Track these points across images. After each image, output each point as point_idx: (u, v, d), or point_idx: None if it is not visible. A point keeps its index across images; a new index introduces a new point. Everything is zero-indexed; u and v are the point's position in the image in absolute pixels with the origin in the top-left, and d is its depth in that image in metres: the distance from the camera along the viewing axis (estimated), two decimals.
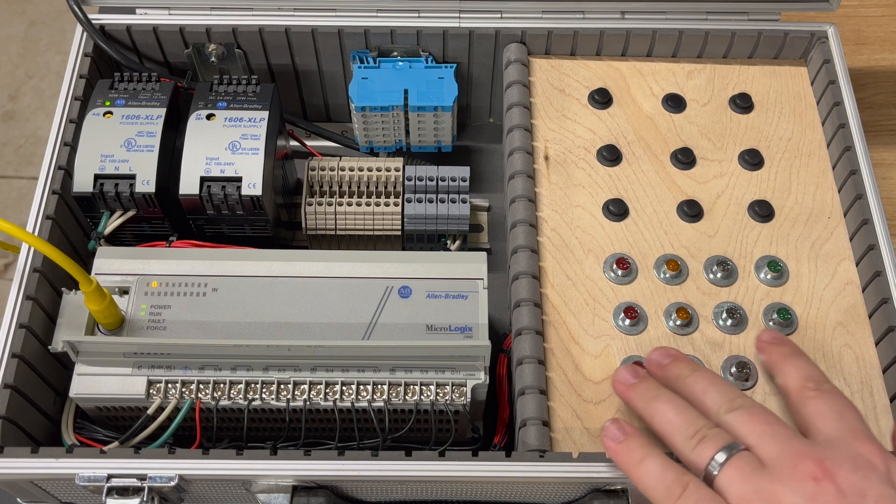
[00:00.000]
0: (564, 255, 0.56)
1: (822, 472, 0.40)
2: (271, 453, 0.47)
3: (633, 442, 0.45)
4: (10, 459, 0.47)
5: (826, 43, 0.63)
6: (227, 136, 0.55)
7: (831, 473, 0.40)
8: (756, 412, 0.44)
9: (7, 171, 1.46)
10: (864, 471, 0.40)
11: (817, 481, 0.40)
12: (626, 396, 0.48)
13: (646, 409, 0.46)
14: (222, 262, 0.53)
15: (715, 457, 0.42)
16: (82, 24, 0.62)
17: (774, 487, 0.40)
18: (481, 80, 0.67)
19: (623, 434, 0.45)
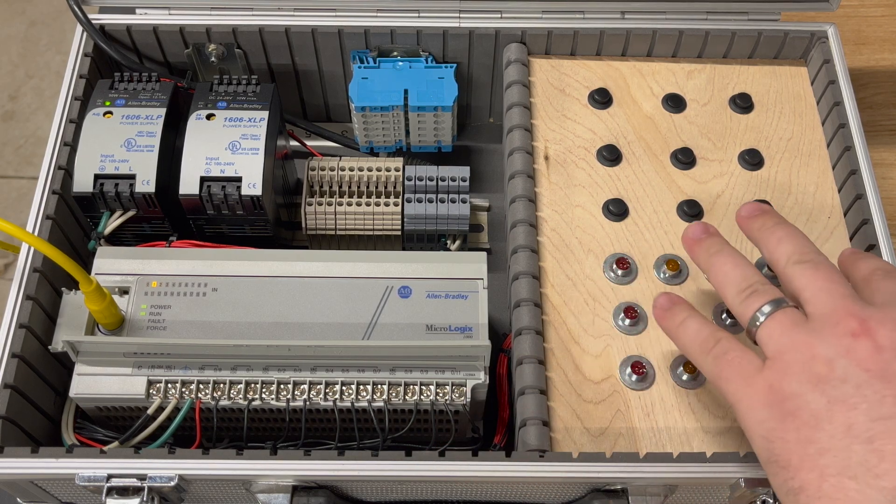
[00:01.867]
0: (564, 255, 0.56)
1: (862, 328, 0.39)
2: (271, 453, 0.47)
3: (677, 308, 0.47)
4: (10, 459, 0.47)
5: (826, 43, 0.63)
6: (227, 136, 0.55)
7: (872, 330, 0.39)
8: (822, 267, 0.43)
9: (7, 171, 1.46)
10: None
11: (855, 336, 0.39)
12: (692, 250, 0.48)
13: (707, 262, 0.47)
14: (222, 262, 0.53)
15: (761, 308, 0.42)
16: (82, 24, 0.62)
17: (811, 340, 0.40)
18: (481, 80, 0.67)
19: (671, 303, 0.47)
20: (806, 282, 0.42)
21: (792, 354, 0.40)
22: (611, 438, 0.50)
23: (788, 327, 0.41)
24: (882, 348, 0.38)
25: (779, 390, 0.39)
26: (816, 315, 0.41)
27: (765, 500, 0.47)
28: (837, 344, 0.39)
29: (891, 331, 0.39)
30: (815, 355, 0.39)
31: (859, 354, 0.38)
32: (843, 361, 0.39)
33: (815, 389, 0.38)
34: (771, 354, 0.41)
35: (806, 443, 0.38)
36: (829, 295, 0.41)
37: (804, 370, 0.39)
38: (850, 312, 0.40)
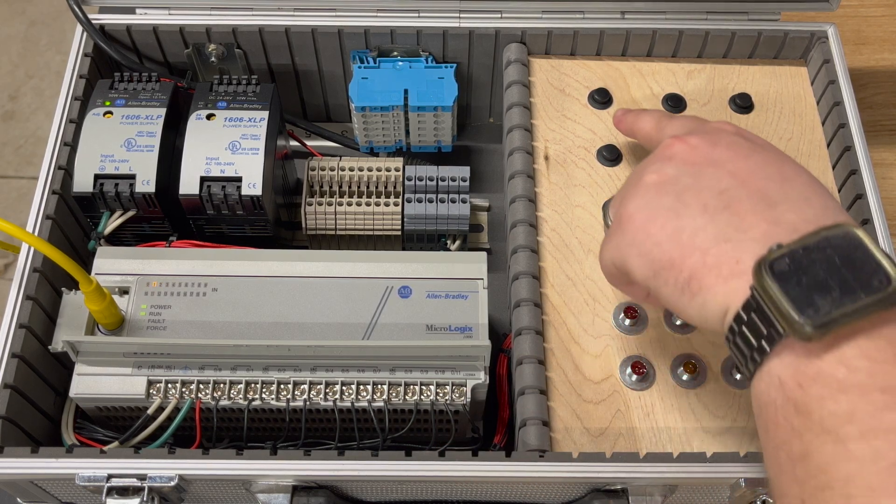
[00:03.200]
0: (564, 255, 0.56)
1: (677, 140, 0.44)
2: (271, 453, 0.47)
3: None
4: (10, 459, 0.47)
5: (826, 43, 0.63)
6: (227, 136, 0.55)
7: (683, 139, 0.44)
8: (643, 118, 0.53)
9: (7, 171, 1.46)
10: (715, 132, 0.44)
11: (670, 147, 0.44)
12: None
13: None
14: (222, 262, 0.53)
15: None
16: (82, 24, 0.62)
17: (637, 169, 0.45)
18: (481, 80, 0.67)
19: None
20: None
21: (626, 185, 0.45)
22: (611, 438, 0.50)
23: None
24: (695, 146, 0.43)
25: (629, 214, 0.42)
26: None
27: (765, 500, 0.47)
28: (660, 157, 0.44)
29: (700, 134, 0.44)
30: (643, 172, 0.44)
31: (680, 157, 0.43)
32: (668, 166, 0.43)
33: (659, 194, 0.42)
34: (617, 201, 0.45)
35: (676, 233, 0.40)
36: (680, 127, 0.48)
37: (639, 188, 0.43)
38: (663, 143, 0.45)
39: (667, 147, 0.44)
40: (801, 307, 0.33)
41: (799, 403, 0.34)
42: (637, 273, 0.42)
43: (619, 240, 0.43)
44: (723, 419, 0.50)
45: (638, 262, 0.41)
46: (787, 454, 0.34)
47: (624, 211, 0.43)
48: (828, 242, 0.35)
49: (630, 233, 0.42)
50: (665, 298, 0.40)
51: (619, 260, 0.43)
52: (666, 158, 0.43)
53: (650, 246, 0.40)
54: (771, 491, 0.37)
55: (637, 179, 0.44)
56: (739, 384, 0.51)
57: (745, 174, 0.40)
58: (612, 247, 0.44)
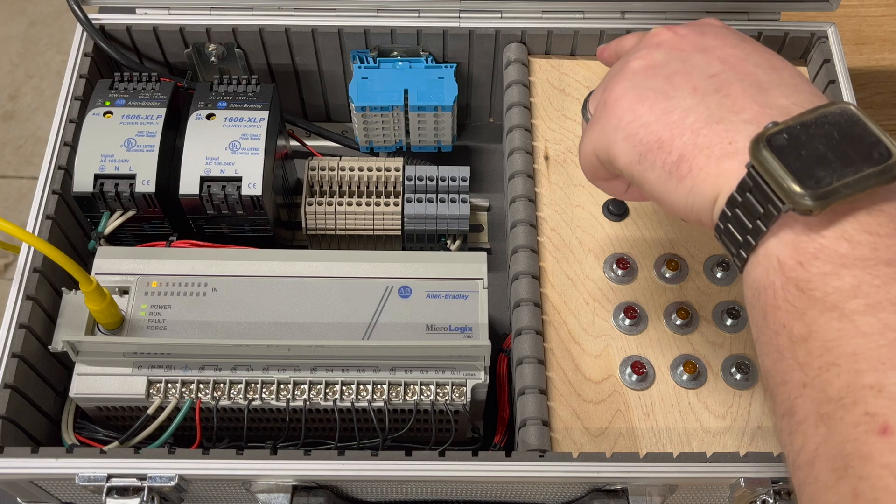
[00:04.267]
0: (564, 255, 0.56)
1: (664, 28, 0.43)
2: (271, 453, 0.47)
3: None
4: (10, 459, 0.47)
5: (826, 43, 0.63)
6: (227, 135, 0.55)
7: (671, 28, 0.43)
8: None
9: (7, 171, 1.46)
10: (702, 23, 0.43)
11: (658, 35, 0.43)
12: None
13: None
14: (222, 262, 0.53)
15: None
16: (82, 24, 0.62)
17: (627, 56, 0.43)
18: (481, 80, 0.67)
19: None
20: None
21: (609, 74, 0.43)
22: (611, 438, 0.50)
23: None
24: (683, 34, 0.42)
25: (616, 96, 0.41)
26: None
27: (765, 500, 0.47)
28: (647, 44, 0.42)
29: (684, 26, 0.43)
30: (629, 58, 0.42)
31: (668, 43, 0.42)
32: (656, 52, 0.41)
33: (647, 77, 0.40)
34: (599, 91, 0.44)
35: (665, 114, 0.38)
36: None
37: (626, 72, 0.41)
38: (649, 32, 0.44)
39: (654, 35, 0.43)
40: (801, 179, 0.32)
41: (801, 282, 0.33)
42: (621, 159, 0.40)
43: (605, 124, 0.41)
44: (723, 419, 0.51)
45: (623, 145, 0.40)
46: (789, 337, 0.33)
47: (609, 94, 0.41)
48: (826, 119, 0.34)
49: (616, 115, 0.40)
50: (651, 185, 0.39)
51: (602, 146, 0.41)
52: (654, 45, 0.42)
53: (637, 127, 0.39)
54: (767, 385, 0.36)
55: (623, 65, 0.42)
56: (739, 384, 0.51)
57: (734, 60, 0.39)
58: (596, 134, 0.42)
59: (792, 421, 0.33)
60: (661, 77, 0.40)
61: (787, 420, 0.34)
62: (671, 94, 0.39)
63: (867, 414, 0.30)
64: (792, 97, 0.37)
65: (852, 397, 0.31)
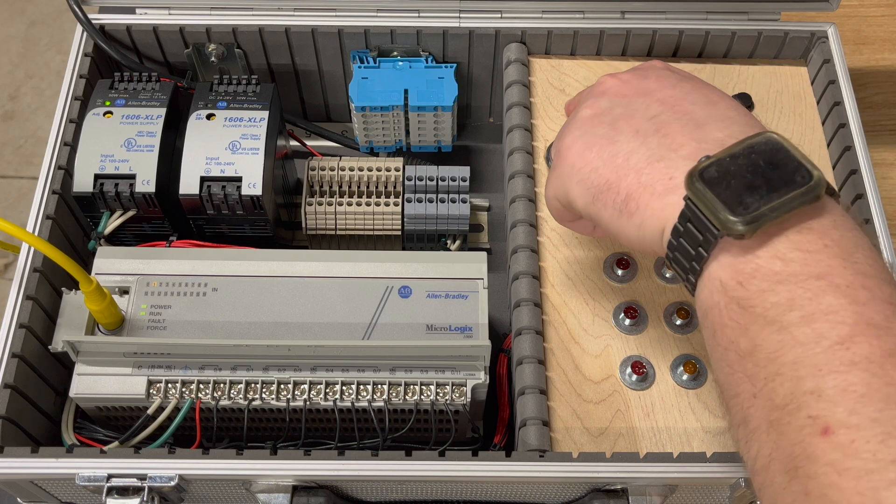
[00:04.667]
0: (564, 255, 0.56)
1: (610, 76, 0.46)
2: (271, 453, 0.47)
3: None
4: (10, 459, 0.47)
5: (826, 43, 0.63)
6: (227, 135, 0.55)
7: (615, 75, 0.46)
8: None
9: (7, 171, 1.46)
10: (645, 67, 0.46)
11: (602, 83, 0.46)
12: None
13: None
14: (222, 262, 0.53)
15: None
16: (82, 24, 0.62)
17: (578, 106, 0.46)
18: (481, 80, 0.67)
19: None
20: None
21: (566, 125, 0.46)
22: (611, 438, 0.50)
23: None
24: (626, 80, 0.45)
25: (567, 145, 0.44)
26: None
27: None
28: (593, 93, 0.46)
29: (630, 72, 0.46)
30: (578, 109, 0.45)
31: (612, 90, 0.45)
32: (602, 100, 0.45)
33: (594, 124, 0.44)
34: (557, 141, 0.46)
35: (612, 157, 0.41)
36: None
37: (575, 122, 0.45)
38: (597, 81, 0.47)
39: (600, 84, 0.46)
40: (731, 206, 0.35)
41: (741, 300, 0.35)
42: (578, 201, 0.43)
43: (560, 171, 0.44)
44: (723, 419, 0.50)
45: (578, 189, 0.43)
46: (736, 352, 0.36)
47: (562, 144, 0.45)
48: (752, 149, 0.37)
49: (569, 163, 0.43)
50: (606, 223, 0.42)
51: (560, 192, 0.45)
52: (599, 94, 0.45)
53: (587, 172, 0.42)
54: (722, 398, 0.38)
55: (573, 115, 0.45)
56: None
57: (673, 100, 0.42)
58: (554, 179, 0.45)
59: (747, 430, 0.36)
60: (606, 123, 0.43)
61: (743, 429, 0.36)
62: (616, 139, 0.42)
63: (809, 417, 0.33)
64: (726, 129, 0.40)
65: (796, 403, 0.33)
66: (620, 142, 0.42)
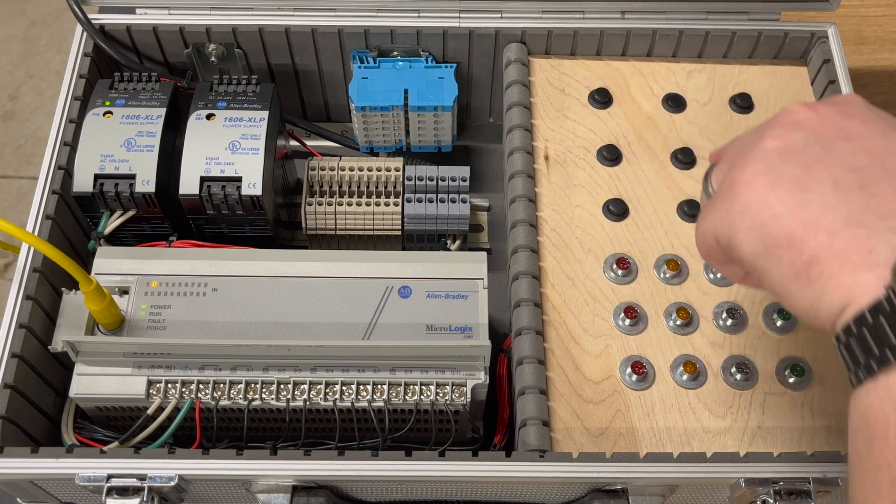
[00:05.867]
0: (564, 255, 0.56)
1: (804, 106, 0.38)
2: (271, 453, 0.47)
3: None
4: (10, 459, 0.47)
5: (826, 43, 0.63)
6: (227, 135, 0.55)
7: (812, 106, 0.38)
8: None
9: (7, 171, 1.46)
10: (846, 103, 0.39)
11: (797, 112, 0.38)
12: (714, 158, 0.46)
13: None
14: (222, 262, 0.53)
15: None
16: (82, 24, 0.62)
17: (756, 134, 0.39)
18: (481, 80, 0.67)
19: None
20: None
21: (736, 150, 0.39)
22: (611, 438, 0.50)
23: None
24: (827, 115, 0.37)
25: (746, 179, 0.37)
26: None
27: (765, 500, 0.47)
28: (782, 122, 0.38)
29: (827, 105, 0.38)
30: (762, 137, 0.38)
31: (808, 124, 0.37)
32: (794, 133, 0.37)
33: (782, 160, 0.36)
34: (724, 167, 0.39)
35: (801, 207, 0.34)
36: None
37: (757, 152, 0.37)
38: (785, 108, 0.39)
39: (792, 112, 0.38)
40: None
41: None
42: (744, 248, 0.36)
43: (728, 207, 0.37)
44: (723, 419, 0.50)
45: (748, 235, 0.36)
46: (891, 478, 0.31)
47: (738, 175, 0.37)
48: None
49: (743, 200, 0.36)
50: (773, 282, 0.35)
51: (724, 231, 0.37)
52: (791, 125, 0.37)
53: (766, 217, 0.35)
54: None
55: (754, 144, 0.37)
56: (739, 384, 0.51)
57: (883, 153, 0.35)
58: (719, 215, 0.37)
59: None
60: (798, 163, 0.36)
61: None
62: (809, 186, 0.35)
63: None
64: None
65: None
66: (815, 191, 0.34)
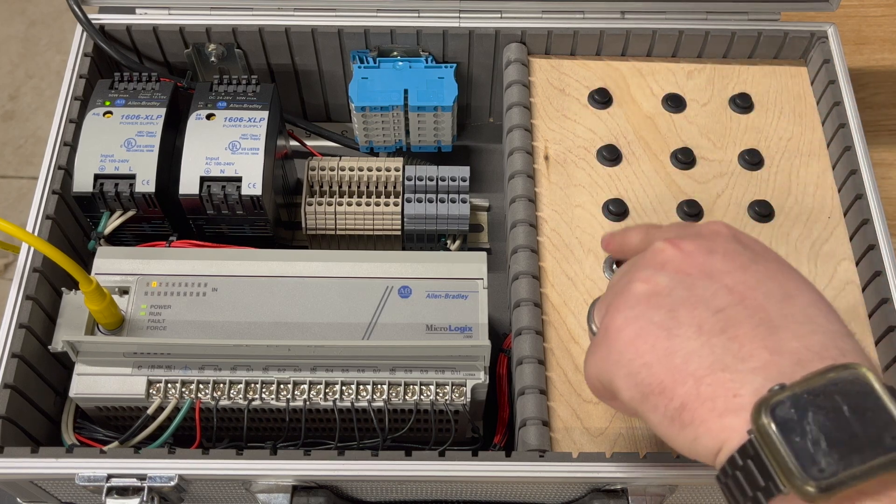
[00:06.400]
0: (564, 255, 0.56)
1: (669, 244, 0.40)
2: (271, 453, 0.47)
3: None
4: (10, 459, 0.47)
5: (826, 43, 0.63)
6: (227, 135, 0.55)
7: (677, 243, 0.40)
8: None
9: (7, 171, 1.46)
10: (710, 236, 0.40)
11: (663, 251, 0.40)
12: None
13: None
14: (222, 262, 0.53)
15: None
16: (82, 24, 0.62)
17: (627, 273, 0.41)
18: (481, 80, 0.67)
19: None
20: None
21: (612, 291, 0.41)
22: (611, 438, 0.50)
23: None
24: (690, 253, 0.39)
25: (617, 327, 0.39)
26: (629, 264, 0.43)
27: None
28: (650, 263, 0.40)
29: (694, 239, 0.40)
30: (632, 279, 0.40)
31: (673, 264, 0.39)
32: (660, 275, 0.39)
33: (649, 306, 0.38)
34: (602, 308, 0.42)
35: (668, 356, 0.36)
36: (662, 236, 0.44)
37: (628, 297, 0.39)
38: (653, 247, 0.41)
39: (658, 252, 0.40)
40: (805, 464, 0.30)
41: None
42: (624, 393, 0.38)
43: (606, 355, 0.39)
44: None
45: (625, 382, 0.38)
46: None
47: (611, 322, 0.39)
48: (836, 387, 0.32)
49: (617, 349, 0.38)
50: (653, 424, 0.37)
51: (605, 377, 0.40)
52: (657, 265, 0.40)
53: (639, 366, 0.37)
54: None
55: (625, 286, 0.40)
56: None
57: (743, 289, 0.37)
58: (598, 361, 0.40)
59: None
60: (664, 308, 0.38)
61: None
62: (675, 332, 0.37)
63: None
64: (805, 338, 0.35)
65: None
66: (680, 337, 0.36)
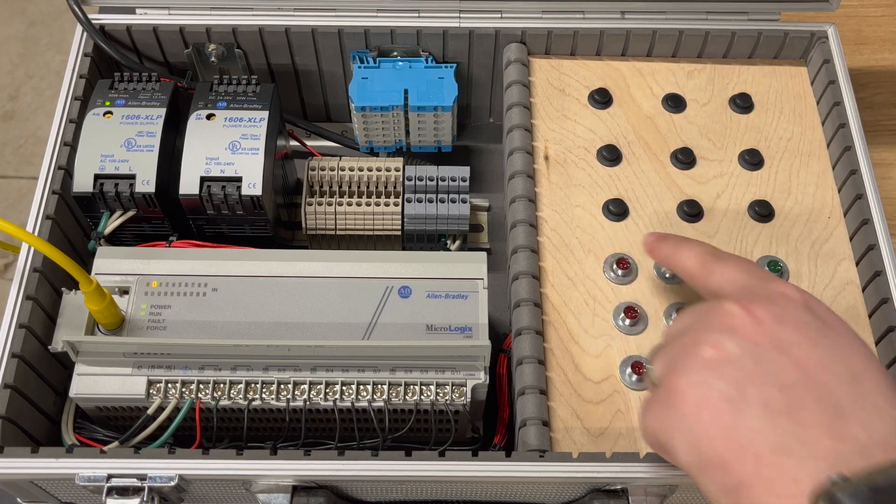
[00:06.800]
0: (564, 255, 0.56)
1: (740, 308, 0.39)
2: (271, 453, 0.47)
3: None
4: (10, 459, 0.47)
5: (826, 43, 0.63)
6: (227, 136, 0.55)
7: (749, 309, 0.39)
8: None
9: (7, 171, 1.46)
10: (781, 302, 0.40)
11: (733, 316, 0.39)
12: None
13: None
14: (222, 262, 0.53)
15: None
16: (82, 24, 0.62)
17: (693, 332, 0.40)
18: (481, 80, 0.67)
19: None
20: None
21: (677, 347, 0.40)
22: (611, 438, 0.50)
23: (672, 330, 0.42)
24: (761, 321, 0.39)
25: (682, 390, 0.39)
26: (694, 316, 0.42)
27: None
28: (719, 326, 0.39)
29: (765, 304, 0.39)
30: (699, 342, 0.39)
31: (743, 332, 0.39)
32: (729, 341, 0.38)
33: (716, 374, 0.38)
34: (660, 363, 0.41)
35: (731, 431, 0.36)
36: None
37: (695, 360, 0.39)
38: (723, 308, 0.40)
39: (728, 315, 0.39)
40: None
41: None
42: (681, 458, 0.39)
43: (666, 415, 0.39)
44: None
45: (685, 448, 0.38)
46: None
47: (676, 385, 0.39)
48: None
49: (680, 413, 0.38)
50: (706, 492, 0.38)
51: (663, 437, 0.40)
52: (727, 329, 0.39)
53: (700, 435, 0.37)
54: None
55: (691, 347, 0.39)
56: None
57: (811, 365, 0.37)
58: (658, 419, 0.40)
59: None
60: (731, 379, 0.37)
61: None
62: (740, 407, 0.37)
63: None
64: (871, 427, 0.35)
65: None
66: (745, 414, 0.36)
